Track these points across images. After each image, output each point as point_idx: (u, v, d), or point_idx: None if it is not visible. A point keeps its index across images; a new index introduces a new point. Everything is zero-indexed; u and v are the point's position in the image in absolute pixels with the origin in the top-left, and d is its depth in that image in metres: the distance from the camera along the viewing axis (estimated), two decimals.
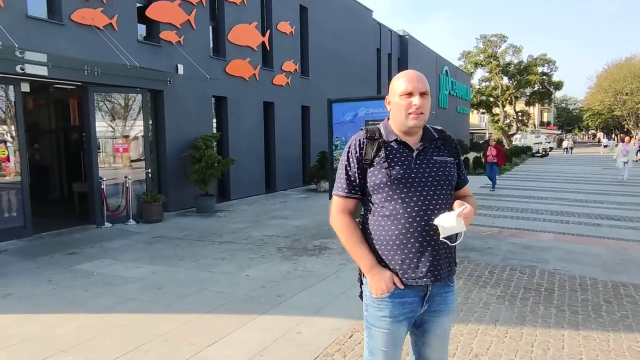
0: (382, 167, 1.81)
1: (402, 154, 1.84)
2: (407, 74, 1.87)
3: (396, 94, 1.85)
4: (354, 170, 1.86)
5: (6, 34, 7.11)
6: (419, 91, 1.81)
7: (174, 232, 8.13)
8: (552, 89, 50.58)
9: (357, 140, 1.89)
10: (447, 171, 1.87)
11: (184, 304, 4.42)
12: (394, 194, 1.80)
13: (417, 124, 1.82)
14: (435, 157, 1.87)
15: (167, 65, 10.09)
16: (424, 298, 1.86)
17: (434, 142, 1.91)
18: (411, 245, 1.80)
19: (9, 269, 5.89)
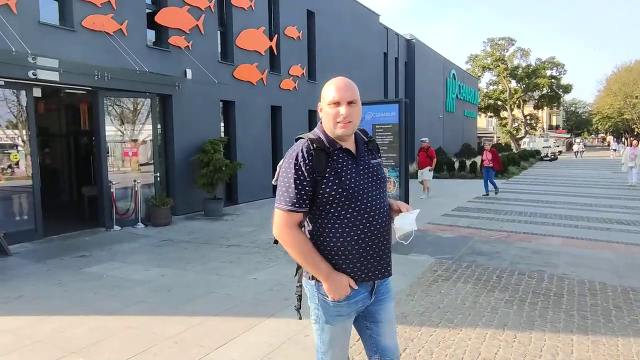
0: (335, 177, 1.83)
1: (348, 162, 1.89)
2: (336, 82, 1.90)
3: (325, 102, 1.89)
4: (304, 184, 1.82)
5: (19, 40, 7.23)
6: (346, 100, 1.85)
7: (182, 235, 8.18)
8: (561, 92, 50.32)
9: (303, 151, 1.84)
10: (382, 172, 1.99)
11: (192, 307, 4.45)
12: (349, 202, 1.84)
13: (345, 132, 1.86)
14: (372, 161, 1.96)
15: (175, 70, 10.19)
16: (372, 291, 1.98)
17: (365, 145, 1.99)
18: (364, 249, 1.88)
19: (21, 271, 5.97)
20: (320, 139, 1.89)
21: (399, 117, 8.53)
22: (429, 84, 27.48)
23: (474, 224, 8.66)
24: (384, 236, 1.92)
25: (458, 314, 4.13)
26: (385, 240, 1.93)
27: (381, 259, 1.92)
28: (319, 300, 1.94)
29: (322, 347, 2.00)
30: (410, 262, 5.94)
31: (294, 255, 1.89)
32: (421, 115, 25.73)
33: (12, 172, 7.80)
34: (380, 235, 1.90)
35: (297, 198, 1.82)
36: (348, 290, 1.88)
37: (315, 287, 1.94)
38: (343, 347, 2.03)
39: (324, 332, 1.97)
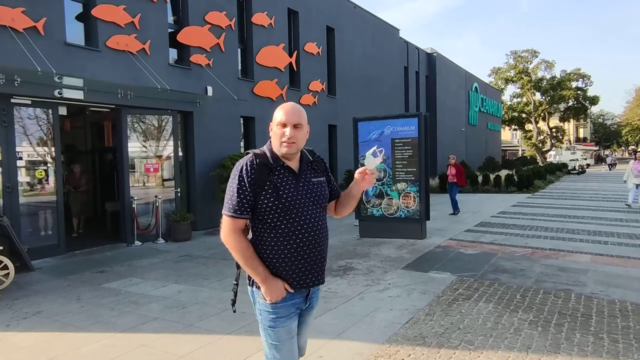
0: (273, 191, 2.01)
1: (289, 178, 2.07)
2: (285, 106, 2.10)
3: (275, 123, 2.09)
4: (245, 193, 2.02)
5: (45, 60, 7.49)
6: (292, 123, 2.04)
7: (201, 250, 8.20)
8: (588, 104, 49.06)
9: (247, 164, 2.04)
10: (323, 190, 2.16)
11: (206, 325, 4.41)
12: (285, 214, 2.03)
13: (288, 152, 2.05)
14: (313, 179, 2.14)
15: (196, 87, 10.37)
16: (307, 297, 2.18)
17: (309, 164, 2.16)
18: (300, 258, 2.06)
19: (42, 286, 6.06)
20: (264, 154, 2.09)
21: (419, 131, 8.45)
22: (450, 97, 27.23)
23: (498, 240, 8.41)
24: (318, 248, 2.09)
25: (479, 336, 3.96)
26: (318, 253, 2.10)
27: (314, 269, 2.10)
28: (259, 305, 2.13)
29: (269, 352, 2.14)
30: (430, 280, 5.77)
31: (236, 257, 2.07)
32: (443, 129, 25.46)
33: (39, 188, 8.02)
34: (314, 248, 2.08)
35: (239, 205, 2.03)
36: (284, 292, 2.06)
37: (254, 293, 2.14)
38: (291, 349, 2.15)
39: (269, 337, 2.12)
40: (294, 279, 2.07)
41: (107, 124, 11.02)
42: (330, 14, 15.15)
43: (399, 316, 4.50)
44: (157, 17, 9.59)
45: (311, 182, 2.12)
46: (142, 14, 9.17)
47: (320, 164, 2.22)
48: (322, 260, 2.15)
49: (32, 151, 7.95)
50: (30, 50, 7.44)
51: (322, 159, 2.27)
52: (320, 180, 2.17)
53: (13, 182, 7.44)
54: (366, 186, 2.19)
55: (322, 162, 2.26)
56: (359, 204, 9.08)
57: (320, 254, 2.12)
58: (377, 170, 1.97)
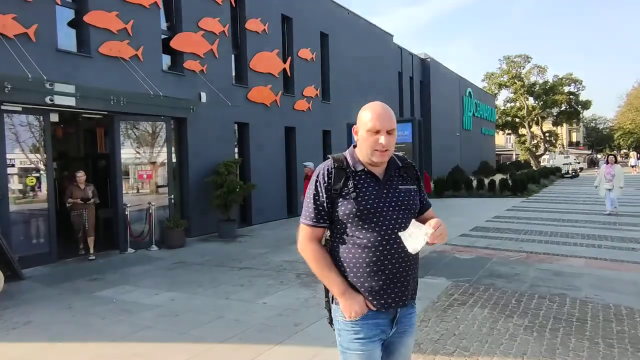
0: (351, 197, 1.84)
1: (370, 184, 1.89)
2: (375, 109, 1.89)
3: (364, 128, 1.88)
4: (322, 200, 1.89)
5: (36, 67, 7.43)
6: (386, 129, 1.85)
7: (195, 257, 8.14)
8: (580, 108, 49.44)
9: (325, 169, 1.91)
10: (411, 199, 1.94)
11: (199, 333, 4.35)
12: (363, 223, 1.85)
13: (381, 161, 1.88)
14: (401, 187, 1.94)
15: (190, 93, 10.34)
16: (394, 320, 1.93)
17: (397, 171, 1.97)
18: (381, 273, 1.85)
19: (32, 295, 5.98)
20: (344, 159, 1.93)
21: (413, 136, 8.44)
22: (445, 102, 27.35)
23: (493, 244, 8.41)
24: (402, 263, 1.87)
25: (474, 341, 3.93)
26: (403, 268, 1.87)
27: (402, 286, 1.88)
28: (337, 324, 1.94)
29: None
30: (425, 286, 5.74)
31: (312, 268, 1.92)
32: (437, 134, 25.54)
33: (30, 195, 7.93)
34: (398, 262, 1.86)
35: (315, 213, 1.90)
36: (364, 308, 1.85)
37: (334, 309, 1.94)
38: None
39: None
40: (374, 296, 1.85)
41: (99, 130, 10.94)
42: (324, 20, 15.19)
43: None
44: (150, 23, 9.57)
45: (398, 190, 1.91)
46: (135, 20, 9.14)
47: (410, 171, 2.00)
48: (407, 277, 1.90)
49: (23, 158, 7.87)
50: (21, 57, 7.38)
51: (413, 165, 2.03)
52: (409, 188, 1.95)
53: (3, 190, 7.35)
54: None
55: (413, 168, 2.03)
56: None
57: (405, 270, 1.88)
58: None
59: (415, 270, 1.96)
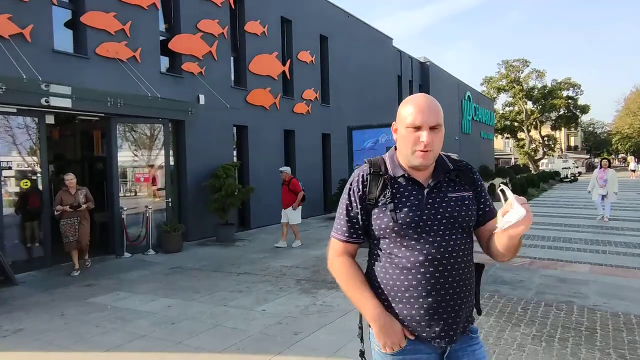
0: (388, 208, 1.56)
1: (412, 193, 1.59)
2: (417, 101, 1.59)
3: (403, 124, 1.59)
4: (356, 211, 1.63)
5: (31, 68, 7.29)
6: (429, 125, 1.55)
7: (192, 262, 7.98)
8: (578, 112, 49.52)
9: (359, 175, 1.66)
10: (464, 209, 1.60)
11: (195, 342, 4.20)
12: (402, 239, 1.56)
13: (423, 163, 1.58)
14: (450, 194, 1.61)
15: (188, 95, 10.21)
16: (443, 355, 1.61)
17: (447, 175, 1.64)
18: (423, 300, 1.54)
19: (25, 301, 5.82)
20: (381, 163, 1.66)
21: None
22: (444, 106, 26.25)
23: None
24: (447, 287, 1.54)
25: None
26: (449, 293, 1.54)
27: (449, 317, 1.55)
28: (375, 354, 1.67)
29: None
30: None
31: (341, 286, 1.68)
32: None
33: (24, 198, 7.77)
34: (443, 285, 1.54)
35: (347, 227, 1.65)
36: (402, 339, 1.55)
37: (372, 335, 1.66)
38: None
39: None
40: (413, 326, 1.56)
41: (96, 132, 10.79)
42: (323, 23, 15.10)
43: None
44: (148, 25, 9.45)
45: (447, 198, 1.59)
46: (132, 22, 9.02)
47: (465, 174, 1.67)
48: (455, 304, 1.55)
49: (18, 161, 7.72)
50: (17, 58, 7.25)
51: (469, 167, 1.70)
52: (462, 195, 1.62)
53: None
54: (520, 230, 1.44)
55: (470, 171, 1.69)
56: None
57: (453, 296, 1.55)
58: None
59: (469, 296, 1.60)
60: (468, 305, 1.61)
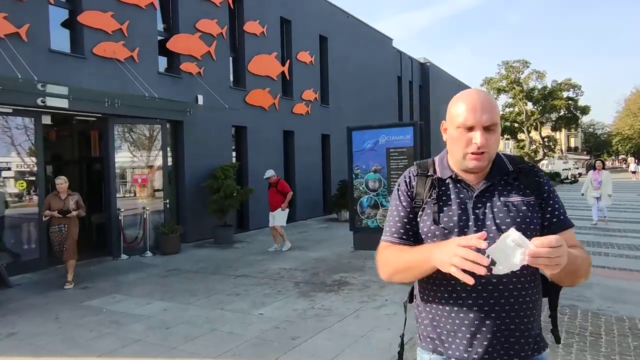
0: (432, 210, 1.44)
1: (458, 196, 1.44)
2: (468, 98, 1.42)
3: (453, 124, 1.43)
4: (407, 211, 1.50)
5: (27, 68, 7.20)
6: (482, 125, 1.37)
7: (189, 264, 7.89)
8: (579, 113, 49.43)
9: (407, 176, 1.57)
10: (520, 216, 1.38)
11: (191, 348, 4.11)
12: None
13: (477, 166, 1.41)
14: (504, 198, 1.41)
15: (187, 96, 10.12)
16: None
17: (505, 177, 1.46)
18: (464, 315, 1.37)
19: (19, 304, 5.73)
20: (430, 165, 1.55)
21: (414, 140, 8.26)
22: (444, 106, 26.93)
23: None
24: (497, 309, 1.34)
25: None
26: (499, 316, 1.34)
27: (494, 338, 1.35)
28: None
29: None
30: None
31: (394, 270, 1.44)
32: (437, 138, 25.35)
33: (20, 199, 7.69)
34: (492, 307, 1.34)
35: (396, 228, 1.51)
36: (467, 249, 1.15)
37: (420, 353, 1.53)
38: None
39: None
40: (453, 349, 1.40)
41: (94, 133, 10.71)
42: (323, 24, 15.02)
43: (397, 336, 4.21)
44: (146, 24, 9.37)
45: (499, 203, 1.41)
46: (130, 21, 8.93)
47: (528, 177, 1.46)
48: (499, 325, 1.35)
49: (14, 162, 7.63)
50: (12, 57, 7.16)
51: (534, 170, 1.49)
52: (519, 200, 1.41)
53: None
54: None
55: (535, 174, 1.48)
56: (353, 214, 8.83)
57: (504, 320, 1.35)
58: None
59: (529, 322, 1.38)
60: (525, 333, 1.38)
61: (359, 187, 8.72)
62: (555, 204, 1.47)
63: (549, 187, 1.47)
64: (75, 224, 6.69)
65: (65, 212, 6.52)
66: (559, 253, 1.13)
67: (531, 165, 1.50)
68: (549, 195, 1.46)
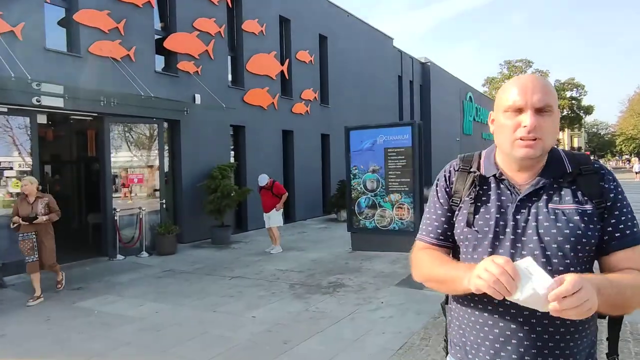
0: (468, 210, 1.29)
1: (500, 197, 1.27)
2: (520, 79, 1.25)
3: (500, 109, 1.26)
4: (444, 208, 1.37)
5: (21, 67, 7.12)
6: (534, 106, 1.19)
7: (185, 265, 7.82)
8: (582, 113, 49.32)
9: (447, 170, 1.44)
10: (569, 227, 1.18)
11: (180, 351, 4.03)
12: (473, 252, 1.27)
13: (528, 155, 1.20)
14: (552, 205, 1.22)
15: (184, 95, 10.05)
16: None
17: (560, 180, 1.25)
18: (488, 329, 1.23)
19: (11, 305, 5.67)
20: (474, 159, 1.39)
21: (413, 140, 8.16)
22: (445, 106, 27.08)
23: None
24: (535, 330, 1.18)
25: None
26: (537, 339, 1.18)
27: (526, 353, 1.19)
28: None
29: None
30: (425, 299, 5.41)
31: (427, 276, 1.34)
32: (437, 139, 25.25)
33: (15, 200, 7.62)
34: (525, 325, 1.18)
35: (433, 227, 1.39)
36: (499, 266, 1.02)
37: None
38: None
39: None
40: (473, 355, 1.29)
41: (91, 132, 10.66)
42: (323, 22, 14.93)
43: (392, 340, 4.14)
44: (143, 23, 9.29)
45: (545, 209, 1.22)
46: (127, 20, 8.86)
47: (589, 181, 1.24)
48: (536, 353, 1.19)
49: (9, 161, 7.56)
50: (7, 56, 7.09)
51: (600, 172, 1.25)
52: (575, 208, 1.21)
53: None
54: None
55: (599, 177, 1.25)
56: (351, 215, 8.75)
57: (534, 342, 1.18)
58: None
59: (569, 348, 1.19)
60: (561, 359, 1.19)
61: (357, 187, 8.63)
62: (622, 215, 1.22)
63: (615, 194, 1.23)
64: (47, 231, 5.90)
65: (31, 219, 5.67)
66: (577, 302, 0.96)
67: (598, 166, 1.27)
68: (614, 205, 1.22)
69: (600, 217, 1.21)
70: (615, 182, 1.26)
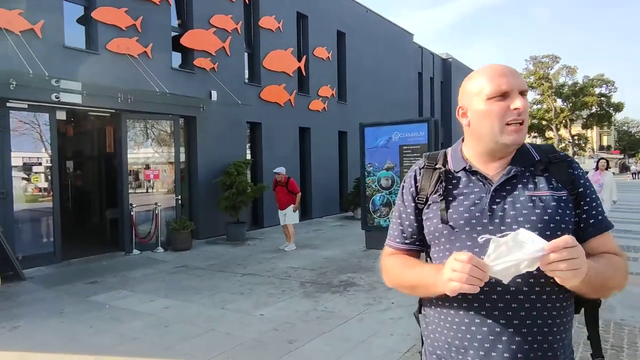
0: (439, 207, 1.26)
1: (473, 190, 1.24)
2: (489, 68, 1.25)
3: (481, 98, 1.22)
4: (408, 212, 1.34)
5: (39, 65, 7.24)
6: (519, 88, 1.20)
7: (199, 261, 7.86)
8: (612, 110, 47.61)
9: (413, 170, 1.40)
10: (547, 213, 1.17)
11: (186, 348, 4.02)
12: (451, 246, 1.22)
13: (517, 140, 1.21)
14: (528, 192, 1.20)
15: (200, 91, 10.09)
16: None
17: (530, 168, 1.24)
18: (476, 329, 1.17)
19: (28, 297, 5.78)
20: (440, 157, 1.37)
21: (429, 137, 7.99)
22: None
23: None
24: (525, 324, 1.14)
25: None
26: (528, 333, 1.14)
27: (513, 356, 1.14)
28: None
29: None
30: None
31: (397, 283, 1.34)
32: (458, 135, 24.79)
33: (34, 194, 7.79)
34: (514, 319, 1.14)
35: (399, 231, 1.38)
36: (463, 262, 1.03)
37: None
38: None
39: None
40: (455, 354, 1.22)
41: (108, 129, 10.82)
42: (341, 19, 14.79)
43: (399, 342, 4.03)
44: (159, 20, 9.36)
45: (522, 197, 1.20)
46: (144, 17, 8.94)
47: (559, 169, 1.24)
48: (528, 349, 1.14)
49: (29, 156, 7.73)
50: (27, 54, 7.23)
51: (567, 160, 1.27)
52: (547, 195, 1.20)
53: (7, 188, 7.22)
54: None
55: (567, 164, 1.26)
56: (365, 213, 8.63)
57: (525, 337, 1.14)
58: None
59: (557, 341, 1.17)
60: (549, 353, 1.16)
61: (372, 184, 8.51)
62: (593, 201, 1.24)
63: (584, 181, 1.25)
64: None
65: None
66: (574, 254, 0.99)
67: (563, 154, 1.28)
68: (584, 191, 1.23)
69: (575, 204, 1.22)
70: (581, 169, 1.29)
